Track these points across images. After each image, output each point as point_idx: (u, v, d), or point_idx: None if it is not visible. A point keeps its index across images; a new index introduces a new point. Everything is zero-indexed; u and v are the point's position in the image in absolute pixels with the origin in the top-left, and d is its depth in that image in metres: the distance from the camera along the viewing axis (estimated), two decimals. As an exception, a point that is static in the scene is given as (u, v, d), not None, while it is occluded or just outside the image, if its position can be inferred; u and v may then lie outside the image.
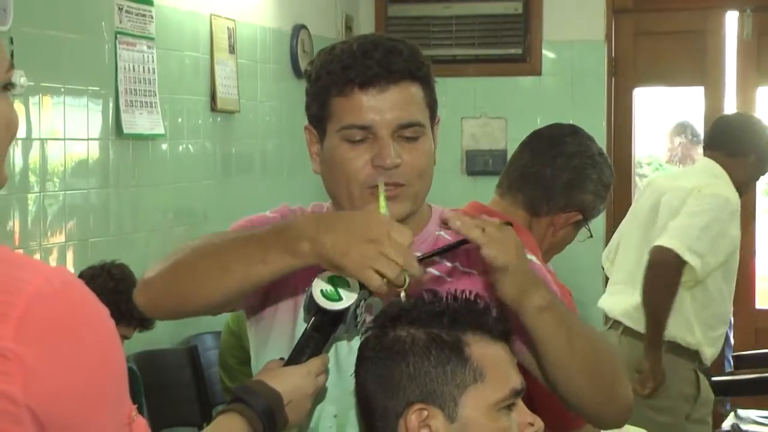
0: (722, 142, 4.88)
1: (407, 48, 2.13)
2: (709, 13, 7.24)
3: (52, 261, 4.39)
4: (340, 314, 1.96)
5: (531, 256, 2.20)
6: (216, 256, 2.03)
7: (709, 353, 4.71)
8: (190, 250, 2.07)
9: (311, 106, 2.17)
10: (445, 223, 2.07)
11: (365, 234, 1.88)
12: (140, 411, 1.46)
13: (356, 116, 2.09)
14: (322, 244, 1.90)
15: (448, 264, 2.17)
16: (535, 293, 2.01)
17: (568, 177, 3.08)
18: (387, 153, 2.07)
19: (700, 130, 7.34)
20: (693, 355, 4.69)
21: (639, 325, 4.63)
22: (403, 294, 1.91)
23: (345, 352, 2.12)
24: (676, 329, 4.61)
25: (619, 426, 2.29)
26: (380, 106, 2.08)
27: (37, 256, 4.24)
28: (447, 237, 2.19)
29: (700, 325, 4.67)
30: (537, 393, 2.27)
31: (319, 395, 2.06)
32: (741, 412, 5.60)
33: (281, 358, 2.01)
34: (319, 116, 2.15)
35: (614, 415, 2.22)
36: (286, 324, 2.16)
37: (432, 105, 2.17)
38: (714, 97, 7.24)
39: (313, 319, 1.99)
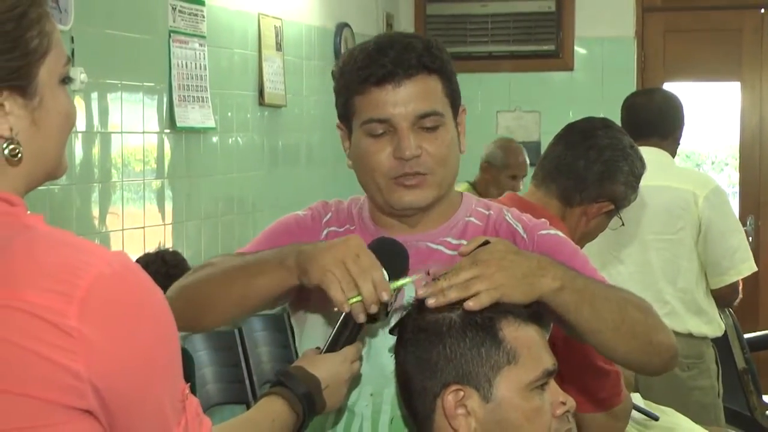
0: (657, 125, 4.63)
1: (422, 43, 2.16)
2: (737, 12, 7.32)
3: (110, 247, 4.35)
4: None
5: (549, 230, 2.26)
6: (223, 273, 2.16)
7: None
8: (202, 273, 2.20)
9: (338, 105, 2.24)
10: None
11: (336, 248, 1.98)
12: (192, 390, 1.51)
13: (375, 111, 2.14)
14: (304, 255, 2.02)
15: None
16: (543, 279, 1.98)
17: (600, 169, 3.12)
18: (406, 145, 2.12)
19: (736, 124, 7.42)
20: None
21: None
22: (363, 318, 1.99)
23: (377, 337, 2.16)
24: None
25: (666, 371, 2.27)
26: (397, 100, 2.12)
27: (97, 243, 4.33)
28: (477, 223, 2.25)
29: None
30: (567, 375, 2.34)
31: (355, 380, 2.12)
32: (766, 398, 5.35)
33: (317, 348, 2.06)
34: (344, 114, 2.22)
35: (658, 363, 2.19)
36: (321, 314, 2.23)
37: (452, 95, 2.19)
38: (750, 92, 7.34)
39: None
